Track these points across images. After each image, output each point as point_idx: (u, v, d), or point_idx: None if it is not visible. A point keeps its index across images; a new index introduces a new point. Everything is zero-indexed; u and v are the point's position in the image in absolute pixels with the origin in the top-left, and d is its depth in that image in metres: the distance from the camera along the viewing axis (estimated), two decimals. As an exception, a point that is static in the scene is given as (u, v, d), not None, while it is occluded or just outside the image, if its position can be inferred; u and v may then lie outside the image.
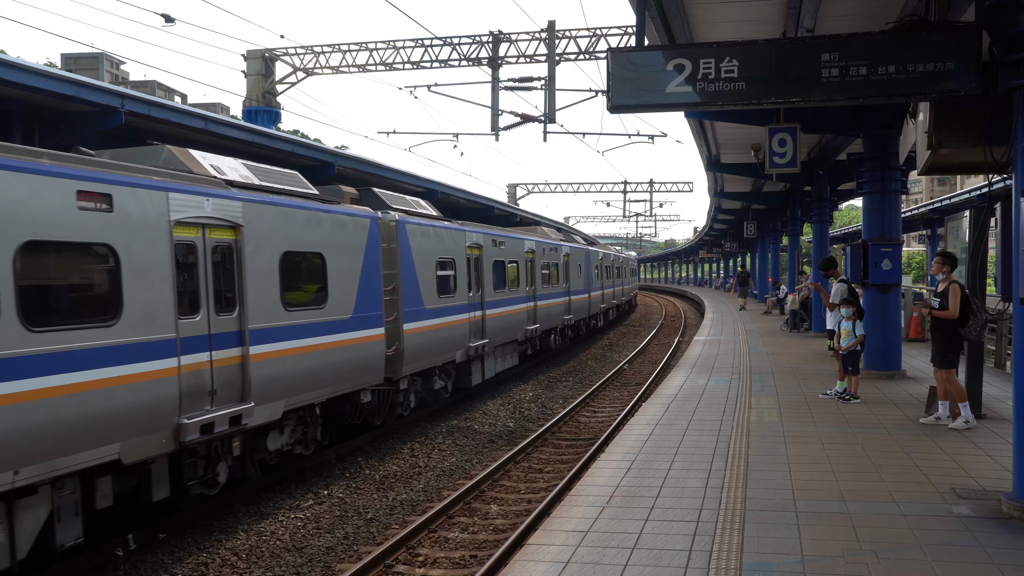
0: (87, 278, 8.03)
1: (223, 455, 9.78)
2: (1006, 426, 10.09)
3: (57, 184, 7.40)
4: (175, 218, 8.76)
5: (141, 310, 8.24)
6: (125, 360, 8.00)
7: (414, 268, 14.62)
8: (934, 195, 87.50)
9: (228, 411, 9.34)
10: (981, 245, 10.10)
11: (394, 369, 13.86)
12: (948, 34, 7.06)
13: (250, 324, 9.89)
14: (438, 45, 26.68)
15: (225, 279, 9.66)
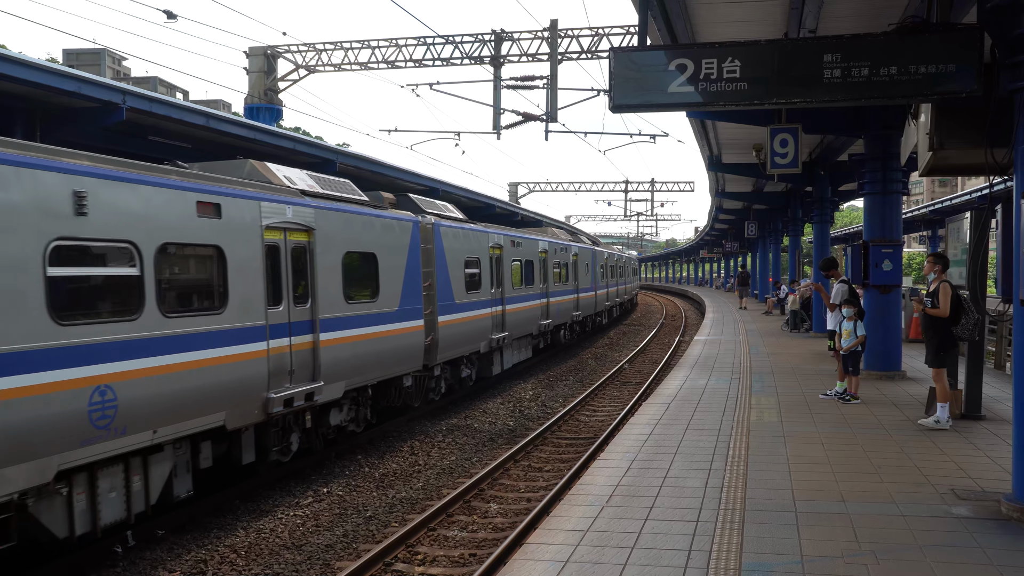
0: (203, 274, 9.60)
1: (296, 427, 11.25)
2: (1006, 427, 10.09)
3: (184, 196, 8.97)
4: (265, 223, 10.29)
5: (241, 301, 9.81)
6: (230, 342, 9.59)
7: (447, 266, 16.14)
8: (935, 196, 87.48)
9: (304, 388, 10.89)
10: (982, 246, 10.11)
11: (430, 357, 15.29)
12: (950, 36, 7.07)
13: (320, 314, 11.40)
14: (440, 43, 26.67)
15: (300, 275, 11.17)
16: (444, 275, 15.99)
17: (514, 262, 20.81)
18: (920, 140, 8.16)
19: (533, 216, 32.50)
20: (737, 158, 24.56)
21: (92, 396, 7.65)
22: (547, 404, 17.65)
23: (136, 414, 8.14)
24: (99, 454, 7.78)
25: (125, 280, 8.26)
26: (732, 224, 49.61)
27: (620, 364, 23.69)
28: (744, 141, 21.13)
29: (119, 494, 8.28)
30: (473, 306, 17.53)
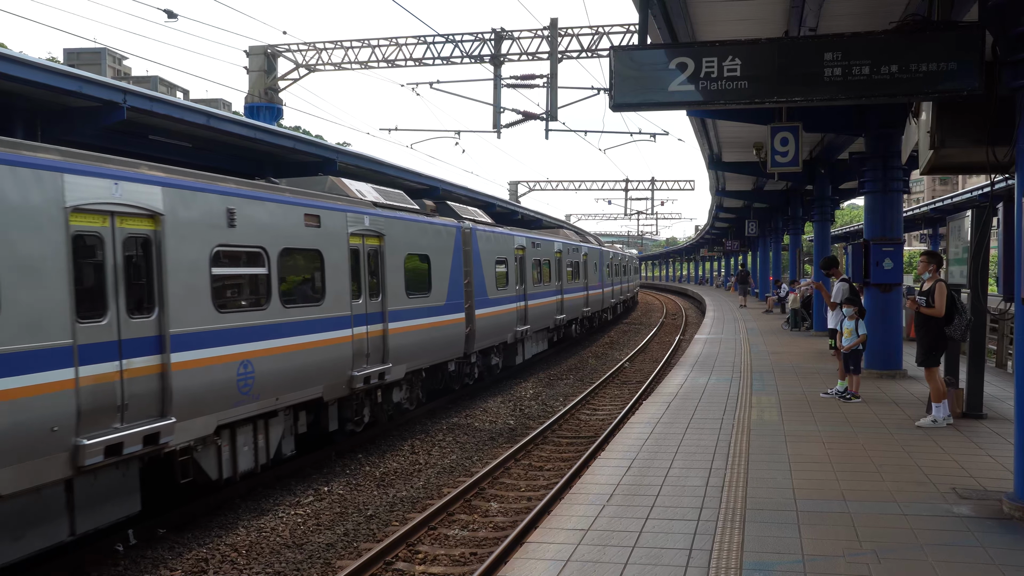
0: (308, 273, 11.59)
1: (367, 402, 13.21)
2: (1007, 426, 10.09)
3: (296, 210, 11.11)
4: (350, 231, 12.40)
5: (334, 295, 11.88)
6: (327, 329, 11.70)
7: (481, 266, 18.28)
8: (936, 194, 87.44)
9: (378, 368, 12.99)
10: (983, 245, 10.09)
11: (468, 346, 17.39)
12: (951, 34, 7.05)
13: (388, 307, 13.50)
14: (440, 42, 26.66)
15: (374, 274, 13.25)
16: (479, 274, 18.13)
17: (535, 262, 22.88)
18: (921, 138, 8.15)
19: (533, 215, 32.48)
20: (737, 157, 24.55)
21: (239, 368, 9.77)
22: (547, 403, 17.65)
23: (267, 384, 10.24)
24: (242, 414, 9.89)
25: (259, 278, 10.41)
26: (732, 223, 49.61)
27: (621, 363, 23.69)
28: (744, 139, 21.12)
29: (250, 448, 10.24)
30: (502, 301, 19.70)
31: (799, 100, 7.71)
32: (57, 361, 7.33)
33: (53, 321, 7.32)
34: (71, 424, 7.42)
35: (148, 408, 8.42)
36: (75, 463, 7.48)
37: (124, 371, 8.12)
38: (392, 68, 27.57)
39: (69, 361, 7.45)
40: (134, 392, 8.22)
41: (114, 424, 7.97)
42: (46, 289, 7.25)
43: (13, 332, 6.91)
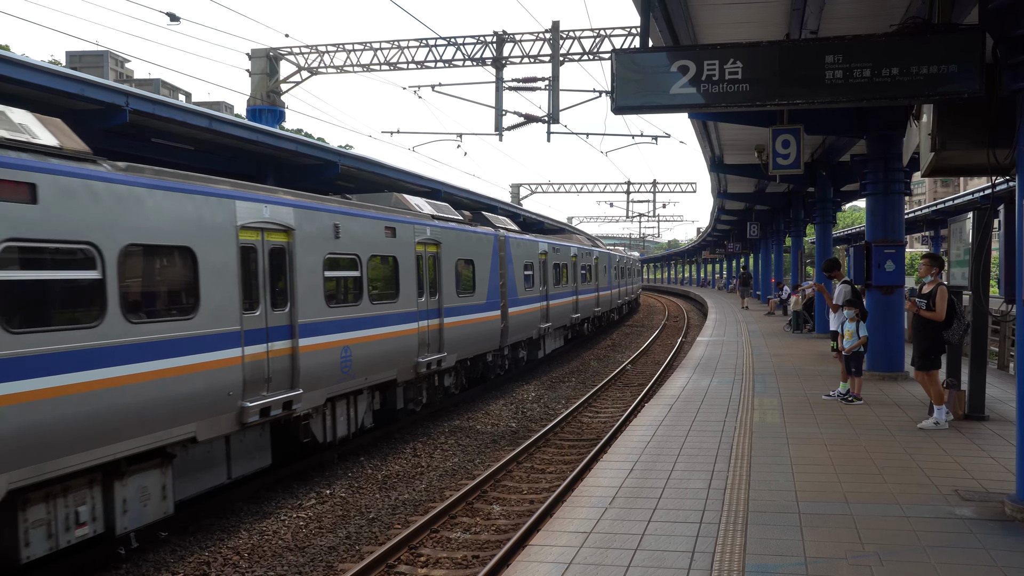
0: (387, 275, 13.77)
1: (425, 385, 15.34)
2: (1009, 428, 10.08)
3: (379, 223, 13.41)
4: (416, 240, 14.58)
5: (405, 294, 14.10)
6: (401, 322, 13.92)
7: (513, 269, 20.47)
8: (937, 196, 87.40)
9: (436, 356, 15.27)
10: (984, 247, 10.09)
11: (503, 340, 19.57)
12: (952, 36, 7.07)
13: (443, 304, 15.75)
14: (442, 45, 26.68)
15: (432, 275, 15.43)
16: (512, 276, 20.37)
17: (554, 265, 25.03)
18: (922, 141, 8.16)
19: (535, 218, 32.54)
20: (739, 159, 24.55)
21: (341, 352, 11.93)
22: (549, 405, 17.65)
23: (359, 366, 12.41)
24: (342, 390, 12.04)
25: (354, 279, 12.65)
26: (734, 225, 49.59)
27: (623, 365, 23.69)
28: (746, 142, 21.12)
29: (345, 418, 12.41)
30: (529, 301, 21.97)
31: (800, 103, 7.72)
32: (232, 342, 9.62)
33: (230, 312, 9.62)
34: (239, 390, 9.67)
35: (283, 381, 10.63)
36: (240, 420, 9.69)
37: (270, 352, 10.38)
38: (394, 71, 27.59)
39: (238, 342, 9.73)
40: (275, 368, 10.46)
41: (263, 392, 10.18)
42: (227, 288, 9.57)
43: (209, 320, 9.26)
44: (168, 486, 8.76)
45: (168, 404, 8.56)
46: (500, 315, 19.00)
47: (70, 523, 7.66)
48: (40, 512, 7.33)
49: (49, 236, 7.39)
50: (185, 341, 8.89)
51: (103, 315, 7.85)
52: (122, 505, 8.22)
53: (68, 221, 7.56)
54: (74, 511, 7.68)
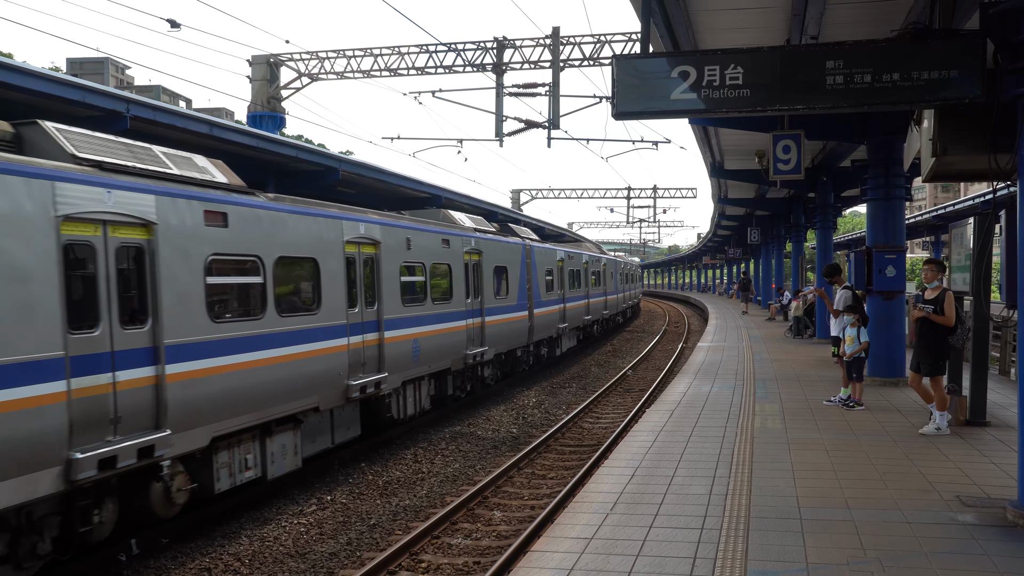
0: (444, 279, 16.17)
1: (469, 375, 17.94)
2: (1011, 433, 10.07)
3: (438, 236, 15.98)
4: (464, 250, 17.19)
5: (457, 295, 16.65)
6: (454, 320, 16.48)
7: (537, 275, 22.87)
8: (938, 201, 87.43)
9: (479, 350, 17.70)
10: (985, 252, 10.09)
11: (529, 337, 22.02)
12: (952, 42, 7.07)
13: (485, 305, 18.29)
14: (443, 51, 26.71)
15: (476, 279, 18.03)
16: (536, 281, 22.70)
17: (570, 271, 27.41)
18: (923, 146, 8.16)
19: (536, 223, 32.58)
20: (739, 164, 24.56)
21: (412, 344, 14.36)
22: (550, 411, 17.64)
23: (424, 356, 14.82)
24: (412, 375, 14.50)
25: (420, 283, 15.03)
26: (735, 230, 49.63)
27: (623, 371, 23.67)
28: (746, 147, 21.12)
29: (412, 400, 14.77)
30: (550, 303, 24.42)
31: (801, 108, 7.74)
32: (341, 333, 12.07)
33: (339, 309, 12.01)
34: (345, 371, 12.08)
35: (373, 366, 12.99)
36: (345, 396, 12.08)
37: (364, 342, 12.74)
38: (394, 77, 27.61)
39: (345, 333, 12.20)
40: (368, 355, 12.84)
41: (360, 375, 12.52)
42: (337, 290, 11.99)
43: (326, 315, 11.67)
44: (298, 445, 11.15)
45: (301, 379, 10.97)
46: (527, 315, 21.70)
47: (242, 467, 10.05)
48: (225, 457, 9.73)
49: (234, 251, 9.82)
50: (312, 331, 11.33)
51: (264, 310, 10.34)
52: (270, 457, 10.53)
53: (244, 240, 9.96)
54: (244, 458, 10.09)
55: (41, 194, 7.30)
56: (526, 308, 21.46)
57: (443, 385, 16.47)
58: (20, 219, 7.09)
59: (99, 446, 7.64)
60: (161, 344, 8.50)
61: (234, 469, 9.90)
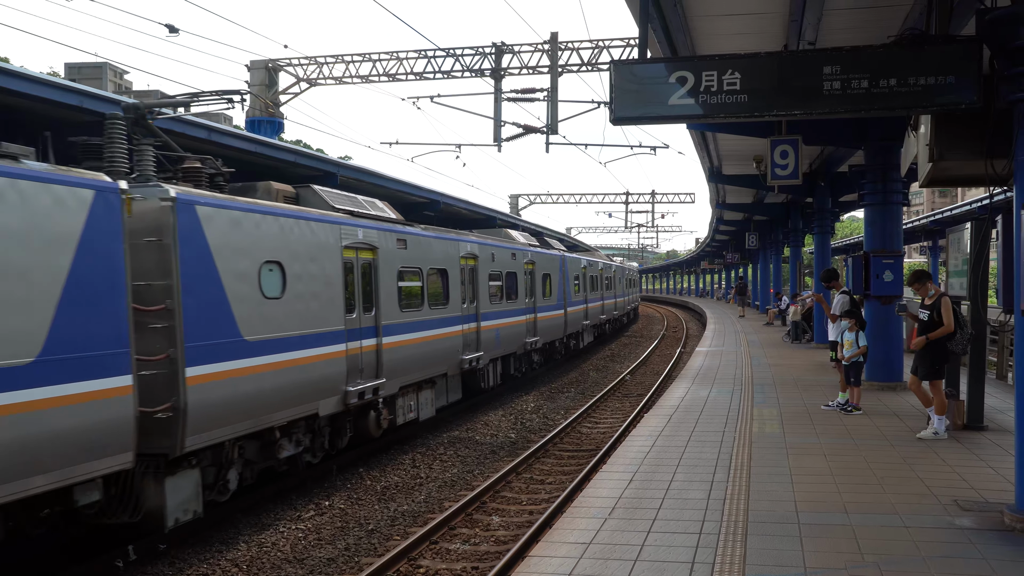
0: (512, 284, 20.48)
1: (524, 359, 22.13)
2: (1008, 437, 10.08)
3: (509, 251, 20.39)
4: (523, 261, 21.47)
5: (521, 296, 21.03)
6: (519, 315, 20.87)
7: (568, 280, 27.25)
8: (935, 207, 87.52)
9: (533, 339, 22.07)
10: (982, 257, 10.10)
11: (564, 331, 26.19)
12: (949, 48, 7.09)
13: (537, 304, 22.63)
14: (441, 56, 26.77)
15: (534, 284, 22.42)
16: (568, 285, 27.04)
17: (590, 276, 31.96)
18: (920, 151, 8.18)
19: (534, 228, 32.62)
20: (737, 169, 24.61)
21: (495, 332, 18.84)
22: (548, 416, 17.64)
23: (502, 342, 19.41)
24: (496, 355, 19.09)
25: (498, 287, 19.32)
26: (733, 235, 49.66)
27: (622, 376, 23.68)
28: (744, 152, 21.17)
29: (493, 375, 19.28)
30: (577, 303, 28.76)
31: (798, 113, 7.75)
32: (459, 322, 16.62)
33: (457, 305, 16.57)
34: (460, 349, 16.68)
35: (473, 347, 17.44)
36: (460, 368, 16.69)
37: (465, 329, 16.97)
38: (393, 82, 27.67)
39: (461, 322, 16.71)
40: (468, 340, 17.12)
41: (468, 353, 17.06)
42: (456, 291, 16.49)
43: (452, 309, 16.21)
44: (433, 400, 15.51)
45: (441, 352, 15.62)
46: (563, 313, 25.93)
47: (409, 410, 14.47)
48: (401, 402, 14.08)
49: (409, 264, 14.32)
50: (445, 319, 15.87)
51: (423, 305, 14.83)
52: (421, 405, 14.94)
53: (413, 257, 14.47)
54: (408, 404, 14.44)
55: (334, 232, 11.89)
56: (562, 307, 25.86)
57: (507, 365, 20.59)
58: (328, 247, 11.65)
59: (357, 385, 12.19)
60: (380, 324, 13.05)
61: (405, 410, 14.17)
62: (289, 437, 10.88)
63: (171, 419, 8.49)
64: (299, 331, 10.73)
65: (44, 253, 7.19)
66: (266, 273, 10.10)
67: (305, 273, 10.89)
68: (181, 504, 8.90)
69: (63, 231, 7.36)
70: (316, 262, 11.21)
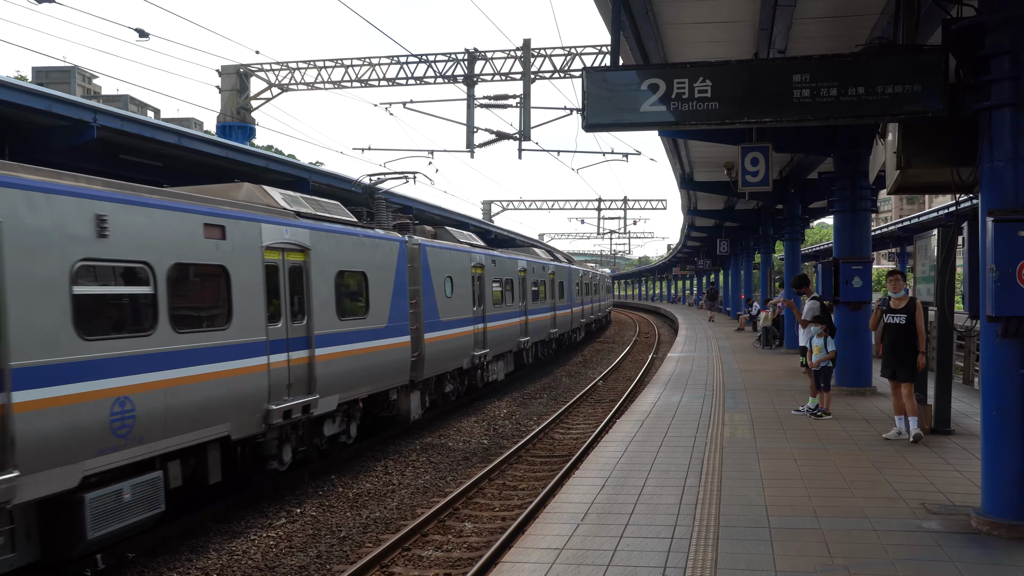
0: (544, 291, 28.05)
1: (528, 354, 25.79)
2: (974, 441, 10.19)
3: (548, 267, 28.98)
4: (548, 271, 28.65)
5: (548, 300, 28.40)
6: (548, 311, 28.38)
7: (571, 286, 34.08)
8: (903, 213, 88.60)
9: (527, 339, 24.76)
10: (949, 263, 10.25)
11: (567, 327, 32.54)
12: (916, 57, 7.19)
13: (556, 305, 29.85)
14: (414, 62, 26.74)
15: (552, 291, 29.26)
16: (570, 290, 33.65)
17: (581, 284, 37.86)
18: (888, 159, 8.29)
19: (507, 234, 32.74)
20: (709, 176, 24.77)
21: (520, 327, 24.34)
22: (521, 422, 17.63)
23: (533, 333, 25.62)
24: (509, 348, 23.14)
25: (533, 291, 25.57)
26: (704, 241, 49.99)
27: (594, 381, 23.73)
28: (716, 159, 21.31)
29: (499, 370, 22.07)
30: (579, 304, 36.35)
31: (769, 121, 7.83)
32: (468, 323, 18.83)
33: (467, 307, 18.85)
34: (471, 349, 18.88)
35: (480, 346, 19.73)
36: (472, 363, 19.03)
37: (475, 330, 19.43)
38: (365, 88, 27.61)
39: (470, 324, 18.99)
40: (477, 339, 19.58)
41: (477, 351, 19.49)
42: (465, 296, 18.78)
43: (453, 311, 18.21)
44: (419, 402, 16.26)
45: (464, 348, 18.66)
46: (570, 312, 33.14)
47: (442, 394, 17.85)
48: (435, 387, 17.37)
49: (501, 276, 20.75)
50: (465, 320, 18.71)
51: (483, 304, 19.79)
52: (447, 391, 18.11)
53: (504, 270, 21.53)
54: (442, 391, 17.81)
55: (471, 258, 19.24)
56: (571, 307, 33.58)
57: (519, 359, 24.66)
58: (465, 268, 18.90)
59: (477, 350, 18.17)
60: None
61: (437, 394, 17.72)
62: (454, 378, 18.70)
63: (416, 361, 15.71)
64: (457, 316, 18.24)
65: (388, 272, 14.44)
66: (448, 281, 17.70)
67: (459, 282, 18.63)
68: (415, 409, 16.00)
69: (391, 262, 14.61)
70: (465, 275, 19.13)
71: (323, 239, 12.20)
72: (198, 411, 9.31)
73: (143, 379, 8.51)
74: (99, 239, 8.06)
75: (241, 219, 10.31)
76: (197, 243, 9.43)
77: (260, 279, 10.54)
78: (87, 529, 7.82)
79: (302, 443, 11.93)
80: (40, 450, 7.33)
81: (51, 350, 7.51)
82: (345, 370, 12.63)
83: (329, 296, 12.28)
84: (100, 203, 8.13)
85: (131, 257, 8.52)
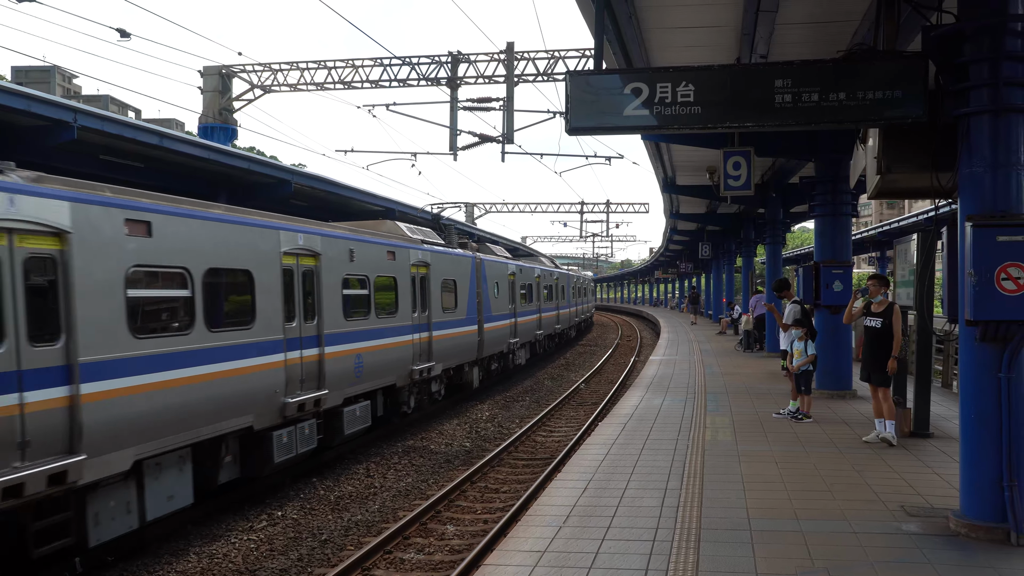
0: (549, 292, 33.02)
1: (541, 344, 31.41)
2: (953, 444, 10.28)
3: (574, 277, 42.85)
4: (555, 277, 34.61)
5: (567, 299, 37.68)
6: (532, 314, 28.92)
7: (571, 289, 38.92)
8: (883, 218, 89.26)
9: (560, 327, 35.28)
10: (929, 267, 10.34)
11: (568, 323, 37.56)
12: (896, 63, 7.25)
13: (570, 304, 38.99)
14: (397, 64, 26.70)
15: (568, 293, 38.55)
16: (570, 293, 38.68)
17: (577, 288, 42.63)
18: (868, 164, 8.35)
19: (489, 236, 32.75)
20: (691, 180, 24.86)
21: (554, 319, 33.63)
22: (503, 425, 17.63)
23: (563, 322, 36.03)
24: (524, 342, 26.88)
25: (561, 290, 35.65)
26: (686, 245, 50.16)
27: (576, 384, 23.75)
28: (698, 163, 21.41)
29: (525, 353, 27.88)
30: (572, 306, 39.83)
31: (751, 125, 7.85)
32: (507, 317, 24.07)
33: (505, 306, 23.82)
34: (508, 338, 23.59)
35: (513, 335, 24.39)
36: (508, 348, 24.11)
37: (511, 323, 24.47)
38: (348, 90, 27.53)
39: (508, 318, 23.89)
40: (511, 330, 24.05)
41: (512, 339, 24.14)
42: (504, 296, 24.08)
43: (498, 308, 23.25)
44: (478, 375, 20.61)
45: (504, 336, 22.69)
46: (570, 311, 37.99)
47: (489, 371, 22.42)
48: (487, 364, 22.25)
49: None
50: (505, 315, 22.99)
51: (515, 303, 24.49)
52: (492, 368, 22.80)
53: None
54: (489, 369, 22.20)
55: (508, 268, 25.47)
56: (573, 306, 39.41)
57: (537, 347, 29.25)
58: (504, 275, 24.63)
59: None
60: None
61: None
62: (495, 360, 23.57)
63: (480, 343, 20.80)
64: (500, 312, 22.64)
65: (466, 279, 19.52)
66: (495, 285, 22.20)
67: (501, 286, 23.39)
68: (476, 378, 20.98)
69: (468, 271, 19.88)
70: (504, 281, 23.64)
71: (439, 259, 18.17)
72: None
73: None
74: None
75: (400, 247, 15.97)
76: (382, 262, 15.15)
77: (408, 285, 16.19)
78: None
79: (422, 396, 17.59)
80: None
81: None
82: (449, 346, 18.45)
83: (438, 295, 17.90)
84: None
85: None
